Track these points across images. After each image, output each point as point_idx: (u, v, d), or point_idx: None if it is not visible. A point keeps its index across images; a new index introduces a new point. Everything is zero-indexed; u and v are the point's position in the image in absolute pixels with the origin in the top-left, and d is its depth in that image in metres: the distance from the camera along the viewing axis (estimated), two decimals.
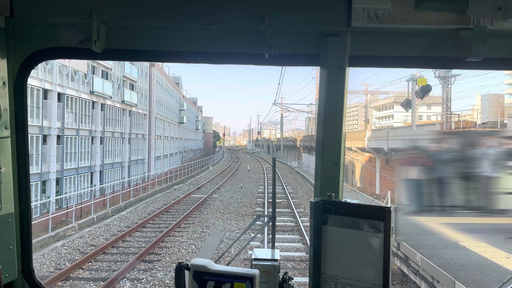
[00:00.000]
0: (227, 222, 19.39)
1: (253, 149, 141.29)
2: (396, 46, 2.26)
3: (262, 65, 2.38)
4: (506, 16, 2.02)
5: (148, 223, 18.91)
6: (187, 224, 18.76)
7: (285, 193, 29.50)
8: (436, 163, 3.77)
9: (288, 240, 15.74)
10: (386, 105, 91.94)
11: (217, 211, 22.18)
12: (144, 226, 18.20)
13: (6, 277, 2.14)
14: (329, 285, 1.89)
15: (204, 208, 23.12)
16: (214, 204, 24.52)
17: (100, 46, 2.14)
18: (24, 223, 2.30)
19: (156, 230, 17.42)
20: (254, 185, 35.29)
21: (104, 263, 12.90)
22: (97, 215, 20.75)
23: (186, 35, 2.27)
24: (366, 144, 43.17)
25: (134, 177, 42.17)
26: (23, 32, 2.20)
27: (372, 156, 44.89)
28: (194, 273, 1.80)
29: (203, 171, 51.84)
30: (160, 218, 20.16)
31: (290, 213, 21.83)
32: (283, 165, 62.55)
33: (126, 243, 15.38)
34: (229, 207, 23.43)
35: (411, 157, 3.43)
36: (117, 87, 41.69)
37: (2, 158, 2.11)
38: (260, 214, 4.70)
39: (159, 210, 21.89)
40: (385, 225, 1.76)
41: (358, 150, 47.00)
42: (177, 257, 13.60)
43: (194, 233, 17.05)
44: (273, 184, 2.52)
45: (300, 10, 2.15)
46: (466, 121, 27.28)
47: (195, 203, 24.02)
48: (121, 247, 14.73)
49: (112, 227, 18.21)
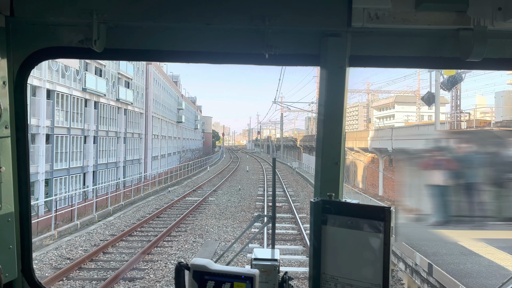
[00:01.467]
0: (222, 229, 17.72)
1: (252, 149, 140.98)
2: (396, 46, 2.25)
3: (262, 65, 2.38)
4: (506, 17, 2.01)
5: (136, 230, 17.23)
6: (178, 232, 17.09)
7: (286, 196, 27.88)
8: (465, 166, 3.59)
9: (290, 252, 14.10)
10: (387, 105, 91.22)
11: (213, 216, 20.51)
12: (131, 235, 16.52)
13: (6, 277, 2.13)
14: (329, 285, 1.89)
15: (198, 213, 21.47)
16: (209, 208, 22.87)
17: (101, 45, 2.15)
18: (24, 223, 2.29)
19: (143, 240, 15.75)
20: (253, 187, 33.63)
21: (77, 281, 11.24)
22: (81, 221, 19.03)
23: (186, 35, 2.27)
24: (369, 144, 42.74)
25: (130, 177, 41.24)
26: (23, 32, 2.20)
27: (375, 156, 44.31)
28: (194, 273, 1.81)
29: (201, 172, 50.20)
30: (149, 225, 18.50)
31: (291, 219, 20.18)
32: (283, 166, 61.00)
33: (107, 256, 13.67)
34: (225, 212, 21.78)
35: (434, 160, 3.33)
36: (111, 85, 40.79)
37: (2, 157, 2.11)
38: (260, 214, 3.37)
39: (149, 215, 20.24)
40: (385, 225, 1.76)
41: (360, 150, 46.40)
42: (162, 274, 11.94)
43: (185, 243, 15.38)
44: (273, 183, 2.55)
45: (300, 10, 2.14)
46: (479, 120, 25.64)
47: (189, 207, 22.39)
48: (100, 260, 13.04)
49: (95, 236, 16.50)
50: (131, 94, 45.31)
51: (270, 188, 30.67)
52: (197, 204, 23.54)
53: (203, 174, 47.46)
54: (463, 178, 5.13)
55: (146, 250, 13.86)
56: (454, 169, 5.24)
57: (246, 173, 47.20)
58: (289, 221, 19.76)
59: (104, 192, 29.72)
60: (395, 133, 37.87)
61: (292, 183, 37.25)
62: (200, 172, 50.07)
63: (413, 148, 18.87)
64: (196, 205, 23.06)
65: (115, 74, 41.80)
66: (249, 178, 41.27)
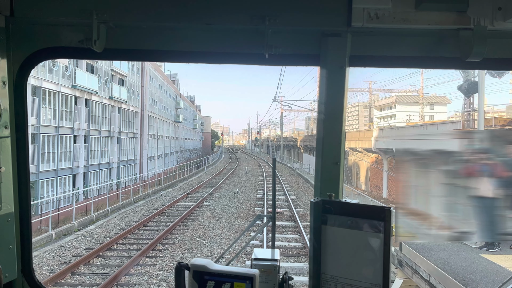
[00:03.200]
0: (215, 242, 15.60)
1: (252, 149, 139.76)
2: (396, 46, 2.25)
3: (262, 65, 2.37)
4: (506, 16, 2.01)
5: (117, 242, 15.09)
6: (164, 245, 14.95)
7: (287, 200, 25.81)
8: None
9: (294, 271, 12.03)
10: (388, 104, 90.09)
11: (206, 225, 18.40)
12: (110, 248, 14.39)
13: (6, 277, 2.14)
14: (329, 285, 1.89)
15: (190, 221, 19.37)
16: (203, 215, 20.78)
17: (100, 45, 2.14)
18: (24, 223, 2.29)
19: (123, 255, 13.61)
20: (252, 189, 31.56)
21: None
22: (57, 231, 16.83)
23: (186, 35, 2.27)
24: (373, 144, 41.41)
25: (124, 179, 39.54)
26: (23, 32, 2.21)
27: (378, 157, 43.02)
28: (194, 273, 1.81)
29: (198, 173, 48.12)
30: (133, 236, 16.37)
31: (294, 228, 18.08)
32: (284, 167, 58.98)
33: (76, 278, 11.42)
34: (221, 219, 19.69)
35: (479, 164, 2.97)
36: (104, 82, 39.23)
37: (2, 157, 2.11)
38: (260, 214, 4.08)
39: (135, 224, 18.12)
40: (385, 225, 1.76)
41: (363, 150, 45.05)
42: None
43: (171, 259, 13.23)
44: (273, 183, 2.51)
45: (300, 10, 2.14)
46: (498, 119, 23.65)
47: (181, 214, 20.32)
48: (66, 285, 10.89)
49: (67, 250, 14.24)
50: (125, 92, 44.04)
51: (270, 191, 28.67)
52: (189, 210, 21.47)
53: (200, 175, 45.41)
54: None
55: (123, 270, 11.75)
56: (503, 176, 4.07)
57: (244, 174, 45.14)
58: (291, 230, 17.65)
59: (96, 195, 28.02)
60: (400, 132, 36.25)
61: (293, 186, 35.18)
62: (197, 173, 47.99)
63: (426, 149, 16.99)
64: (188, 212, 20.98)
65: (108, 70, 40.33)
66: (248, 180, 39.22)
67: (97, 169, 37.88)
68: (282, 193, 29.36)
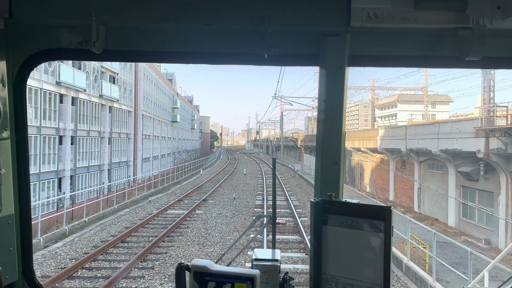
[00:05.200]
0: None
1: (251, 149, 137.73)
2: (396, 45, 2.25)
3: (261, 65, 2.38)
4: (505, 15, 1.99)
5: (83, 267, 12.33)
6: (141, 270, 12.20)
7: (289, 207, 23.14)
8: None
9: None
10: (389, 103, 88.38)
11: (195, 241, 15.68)
12: (72, 276, 11.52)
13: (6, 279, 2.14)
14: (330, 285, 1.88)
15: (177, 235, 16.67)
16: (193, 227, 18.10)
17: (99, 47, 2.14)
18: (24, 225, 2.28)
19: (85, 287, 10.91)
20: (250, 194, 28.91)
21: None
22: None
23: (185, 36, 2.27)
24: (379, 144, 39.21)
25: (115, 182, 37.02)
26: (22, 34, 2.20)
27: (384, 157, 40.80)
28: (194, 274, 1.81)
29: (194, 175, 45.44)
30: (106, 256, 13.53)
31: (299, 244, 15.37)
32: (284, 168, 56.38)
33: None
34: (213, 233, 17.01)
35: None
36: (93, 79, 36.74)
37: (2, 159, 2.10)
38: (260, 214, 3.77)
39: (112, 239, 15.39)
40: (386, 225, 1.74)
41: (367, 150, 42.85)
42: None
43: None
44: (273, 184, 2.52)
45: (299, 10, 2.14)
46: None
47: (168, 226, 17.66)
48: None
49: None
50: (116, 90, 41.61)
51: (270, 196, 26.05)
52: (179, 220, 18.82)
53: (195, 178, 42.74)
54: None
55: None
56: None
57: (243, 176, 42.51)
58: (296, 247, 14.92)
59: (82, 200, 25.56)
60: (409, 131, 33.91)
61: (295, 189, 32.52)
62: (192, 176, 45.30)
63: None
64: (177, 222, 18.32)
65: (97, 67, 37.76)
66: (247, 183, 36.57)
67: (86, 171, 35.54)
68: (284, 198, 26.72)
